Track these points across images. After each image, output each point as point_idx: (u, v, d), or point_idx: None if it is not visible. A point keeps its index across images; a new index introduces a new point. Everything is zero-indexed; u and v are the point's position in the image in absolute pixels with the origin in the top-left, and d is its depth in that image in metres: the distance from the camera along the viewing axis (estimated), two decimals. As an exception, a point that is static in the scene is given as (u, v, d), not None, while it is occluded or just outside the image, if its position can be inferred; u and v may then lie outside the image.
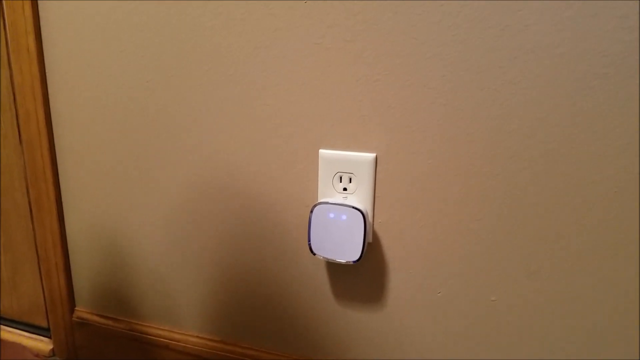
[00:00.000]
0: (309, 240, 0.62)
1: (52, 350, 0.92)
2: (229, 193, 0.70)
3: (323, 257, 0.62)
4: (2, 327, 0.98)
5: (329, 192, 0.63)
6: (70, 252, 0.85)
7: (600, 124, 0.50)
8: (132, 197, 0.77)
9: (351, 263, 0.61)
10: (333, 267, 0.67)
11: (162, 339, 0.81)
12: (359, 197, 0.62)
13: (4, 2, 0.74)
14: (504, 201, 0.56)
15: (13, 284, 0.94)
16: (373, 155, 0.60)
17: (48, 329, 0.93)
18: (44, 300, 0.91)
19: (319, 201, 0.62)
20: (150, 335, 0.82)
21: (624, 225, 0.52)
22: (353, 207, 0.59)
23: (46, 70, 0.76)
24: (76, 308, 0.88)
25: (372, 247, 0.64)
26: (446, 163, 0.57)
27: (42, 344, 0.93)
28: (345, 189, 0.62)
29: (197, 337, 0.79)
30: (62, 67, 0.75)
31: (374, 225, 0.63)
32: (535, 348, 0.59)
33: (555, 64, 0.50)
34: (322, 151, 0.62)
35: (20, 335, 0.95)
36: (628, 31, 0.47)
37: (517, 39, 0.51)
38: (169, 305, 0.80)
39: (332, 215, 0.60)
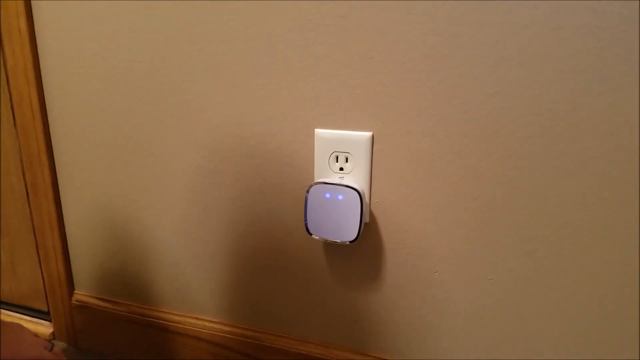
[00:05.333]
0: (306, 221, 0.62)
1: (53, 333, 0.93)
2: (227, 176, 0.69)
3: (319, 238, 0.62)
4: (2, 311, 0.98)
5: (326, 172, 0.63)
6: (68, 235, 0.85)
7: (597, 99, 0.49)
8: (130, 178, 0.76)
9: (347, 243, 0.61)
10: (330, 248, 0.67)
11: (161, 321, 0.81)
12: (356, 176, 0.61)
13: (-7, -18, 0.73)
14: (499, 180, 0.56)
15: (12, 268, 0.94)
16: (369, 134, 0.59)
17: (48, 313, 0.93)
18: (43, 283, 0.91)
19: (315, 181, 0.62)
20: (149, 317, 0.82)
21: (623, 204, 0.51)
22: (349, 187, 0.59)
23: (39, 52, 0.75)
24: (75, 291, 0.89)
25: (368, 227, 0.63)
26: (441, 142, 0.57)
27: (43, 328, 0.94)
28: (341, 169, 0.62)
29: (196, 318, 0.79)
30: (55, 48, 0.74)
31: (371, 205, 0.63)
32: (533, 326, 0.59)
33: (552, 39, 0.49)
34: (317, 131, 0.62)
35: (20, 319, 0.96)
36: (627, 4, 0.46)
37: (513, 13, 0.50)
38: (167, 287, 0.80)
39: (328, 195, 0.60)
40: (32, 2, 0.73)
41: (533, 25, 0.49)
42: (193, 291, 0.79)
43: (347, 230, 0.60)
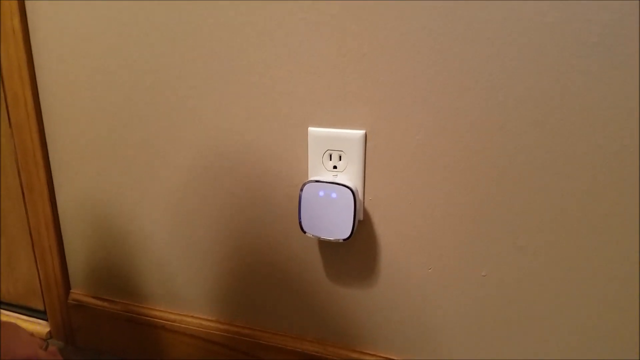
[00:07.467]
0: (300, 219, 0.62)
1: (49, 332, 0.93)
2: (221, 174, 0.69)
3: (313, 236, 0.62)
4: (-1, 310, 0.99)
5: (319, 170, 0.63)
6: (63, 234, 0.85)
7: (589, 93, 0.49)
8: (125, 177, 0.77)
9: (342, 241, 0.61)
10: (324, 245, 0.67)
11: (157, 320, 0.81)
12: (349, 174, 0.61)
13: (-13, -18, 0.73)
14: (492, 174, 0.56)
15: (8, 267, 0.94)
16: (362, 132, 0.59)
17: (44, 312, 0.93)
18: (40, 283, 0.91)
19: (308, 179, 0.62)
20: (145, 316, 0.82)
21: (618, 198, 0.52)
22: (343, 185, 0.59)
23: (33, 52, 0.75)
24: (71, 290, 0.89)
25: (362, 224, 0.64)
26: (434, 137, 0.57)
27: (40, 327, 0.94)
28: (335, 167, 0.62)
29: (192, 317, 0.80)
30: (49, 47, 0.74)
31: (365, 203, 0.63)
32: (526, 322, 0.59)
33: (544, 34, 0.49)
34: (311, 129, 0.62)
35: (18, 318, 0.96)
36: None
37: (505, 8, 0.50)
38: (164, 286, 0.80)
39: (322, 193, 0.60)
40: (26, 2, 0.73)
41: (525, 20, 0.50)
42: (189, 290, 0.79)
43: (341, 228, 0.60)
